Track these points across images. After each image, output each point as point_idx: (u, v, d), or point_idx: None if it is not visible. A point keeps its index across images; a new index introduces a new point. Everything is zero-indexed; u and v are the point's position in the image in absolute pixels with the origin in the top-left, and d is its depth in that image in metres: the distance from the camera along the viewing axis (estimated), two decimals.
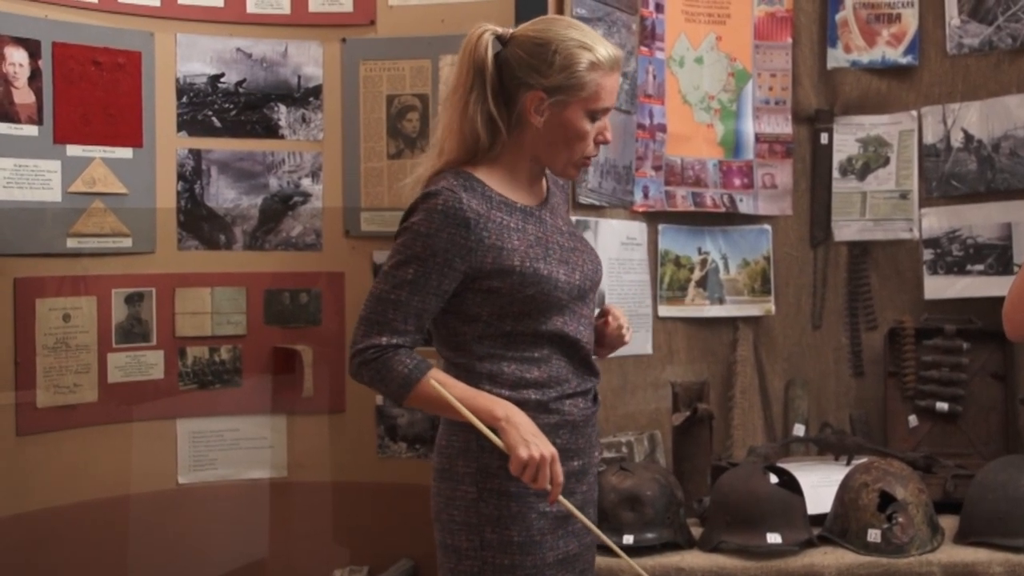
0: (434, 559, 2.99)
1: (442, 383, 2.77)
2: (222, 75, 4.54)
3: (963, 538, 3.73)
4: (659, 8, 4.56)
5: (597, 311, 3.09)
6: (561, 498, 2.79)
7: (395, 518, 4.49)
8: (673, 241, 4.62)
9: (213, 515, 4.50)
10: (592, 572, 3.03)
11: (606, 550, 2.97)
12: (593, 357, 2.99)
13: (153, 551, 4.43)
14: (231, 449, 4.55)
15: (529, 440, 2.72)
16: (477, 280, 2.79)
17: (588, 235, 4.23)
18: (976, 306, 4.57)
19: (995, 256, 4.55)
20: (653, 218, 4.57)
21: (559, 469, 2.75)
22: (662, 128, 4.57)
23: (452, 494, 2.86)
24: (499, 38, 2.86)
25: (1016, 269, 4.49)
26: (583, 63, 2.80)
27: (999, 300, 4.44)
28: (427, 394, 2.76)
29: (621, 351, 3.17)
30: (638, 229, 4.52)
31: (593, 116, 2.85)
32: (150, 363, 4.45)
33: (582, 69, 2.80)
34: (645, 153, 4.51)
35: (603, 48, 2.84)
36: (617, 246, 4.41)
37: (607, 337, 3.05)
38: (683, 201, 4.60)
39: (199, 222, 4.54)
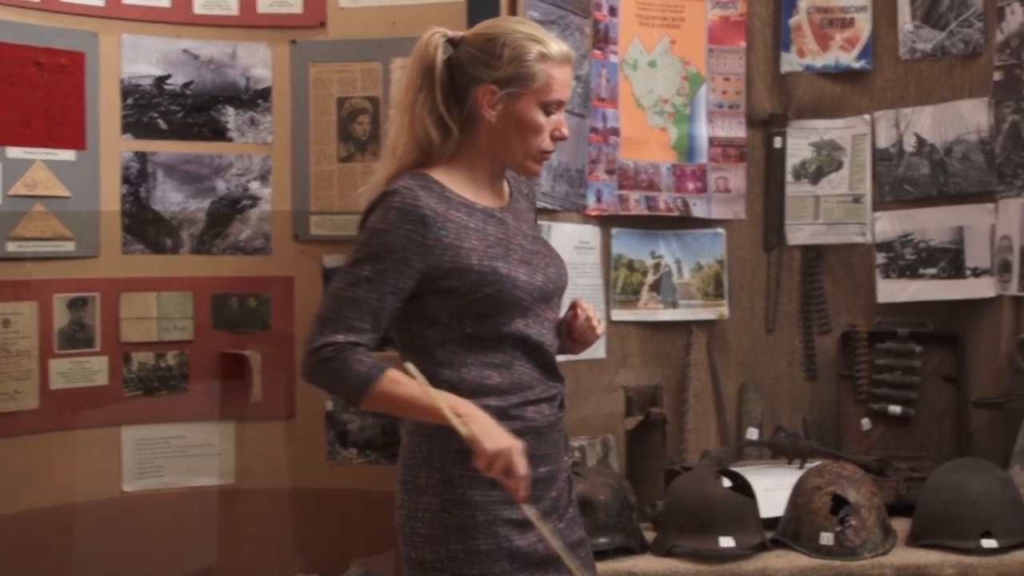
0: (385, 566, 2.96)
1: (400, 382, 2.72)
2: (168, 76, 4.49)
3: (915, 540, 3.74)
4: (612, 11, 4.55)
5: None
6: (525, 507, 2.74)
7: (346, 525, 4.45)
8: (626, 245, 4.60)
9: (159, 523, 4.44)
10: (588, 567, 2.98)
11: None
12: (558, 360, 2.96)
13: (98, 560, 4.37)
14: (177, 456, 4.49)
15: (493, 434, 2.68)
16: (436, 280, 2.76)
17: None
18: (929, 310, 4.59)
19: (947, 260, 4.57)
20: (606, 222, 4.55)
21: (524, 463, 2.70)
22: (615, 132, 4.55)
23: (415, 506, 2.83)
24: (450, 41, 2.86)
25: (968, 273, 4.50)
26: (532, 54, 2.80)
27: (952, 304, 4.54)
28: (387, 392, 2.71)
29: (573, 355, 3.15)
30: (591, 233, 4.50)
31: (546, 109, 2.84)
32: (94, 369, 4.38)
33: (531, 59, 2.80)
34: (598, 157, 4.49)
35: (553, 42, 2.85)
36: (570, 250, 4.37)
37: (576, 331, 3.02)
38: (636, 205, 4.58)
39: (145, 226, 4.48)
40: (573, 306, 3.03)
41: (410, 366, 2.71)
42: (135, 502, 4.45)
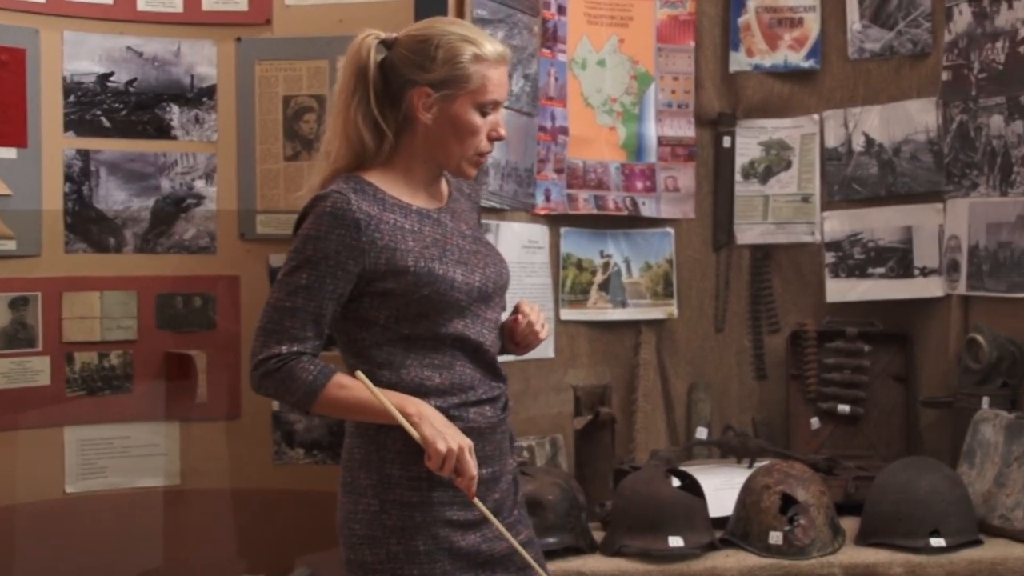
0: (331, 566, 2.93)
1: (347, 387, 2.73)
2: (112, 74, 4.44)
3: (864, 539, 3.75)
4: (561, 10, 4.54)
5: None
6: (476, 500, 2.76)
7: (292, 525, 4.42)
8: (575, 244, 4.58)
9: (103, 524, 4.39)
10: (540, 565, 2.94)
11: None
12: (500, 361, 2.95)
13: (41, 562, 4.32)
14: (121, 457, 4.44)
15: (445, 432, 2.69)
16: (372, 282, 2.75)
17: (489, 238, 4.17)
18: (877, 309, 4.61)
19: (896, 259, 4.59)
20: (555, 221, 4.54)
21: (474, 461, 2.72)
22: (564, 131, 4.54)
23: (354, 508, 2.81)
24: (383, 42, 2.84)
25: (916, 273, 4.51)
26: (466, 55, 2.79)
27: (900, 303, 4.57)
28: (334, 398, 2.72)
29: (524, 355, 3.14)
30: (540, 232, 4.48)
31: (482, 110, 2.82)
32: (36, 369, 4.33)
33: (466, 61, 2.78)
34: (547, 156, 4.47)
35: (487, 42, 2.83)
36: (518, 249, 4.37)
37: (518, 335, 3.01)
38: (585, 204, 4.57)
39: (87, 224, 4.42)
40: (516, 309, 3.02)
41: (359, 374, 2.72)
42: (78, 503, 4.40)
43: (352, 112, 2.81)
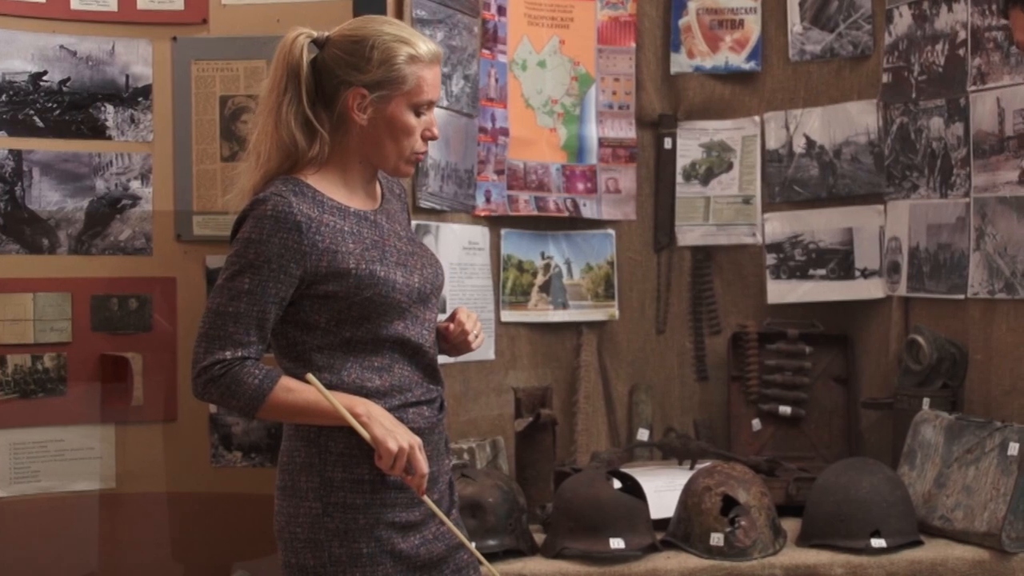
0: (269, 570, 2.91)
1: (293, 390, 2.72)
2: (45, 73, 4.37)
3: (805, 540, 3.75)
4: (501, 11, 4.53)
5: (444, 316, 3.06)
6: (425, 497, 2.78)
7: (230, 529, 4.38)
8: (516, 246, 4.58)
9: (37, 529, 4.33)
10: (473, 568, 2.97)
11: None
12: (439, 362, 2.96)
13: None
14: (55, 460, 4.37)
15: (395, 431, 2.71)
16: (313, 285, 2.74)
17: (429, 239, 4.18)
18: (818, 310, 4.64)
19: (837, 261, 4.60)
20: (495, 222, 4.53)
21: (424, 459, 2.74)
22: (504, 132, 4.53)
23: (295, 511, 2.80)
24: (315, 42, 2.84)
25: (857, 274, 4.52)
26: (402, 56, 2.79)
27: (841, 304, 4.59)
28: (281, 401, 2.71)
29: (464, 356, 3.13)
30: (480, 233, 4.47)
31: (417, 110, 2.83)
32: None
33: (401, 62, 2.78)
34: (487, 157, 4.46)
35: (421, 42, 2.83)
36: (459, 251, 4.36)
37: (448, 343, 3.03)
38: (526, 205, 4.56)
39: (20, 225, 4.35)
40: (453, 315, 3.03)
41: (311, 377, 2.72)
42: (11, 507, 4.34)
43: (284, 112, 2.80)
